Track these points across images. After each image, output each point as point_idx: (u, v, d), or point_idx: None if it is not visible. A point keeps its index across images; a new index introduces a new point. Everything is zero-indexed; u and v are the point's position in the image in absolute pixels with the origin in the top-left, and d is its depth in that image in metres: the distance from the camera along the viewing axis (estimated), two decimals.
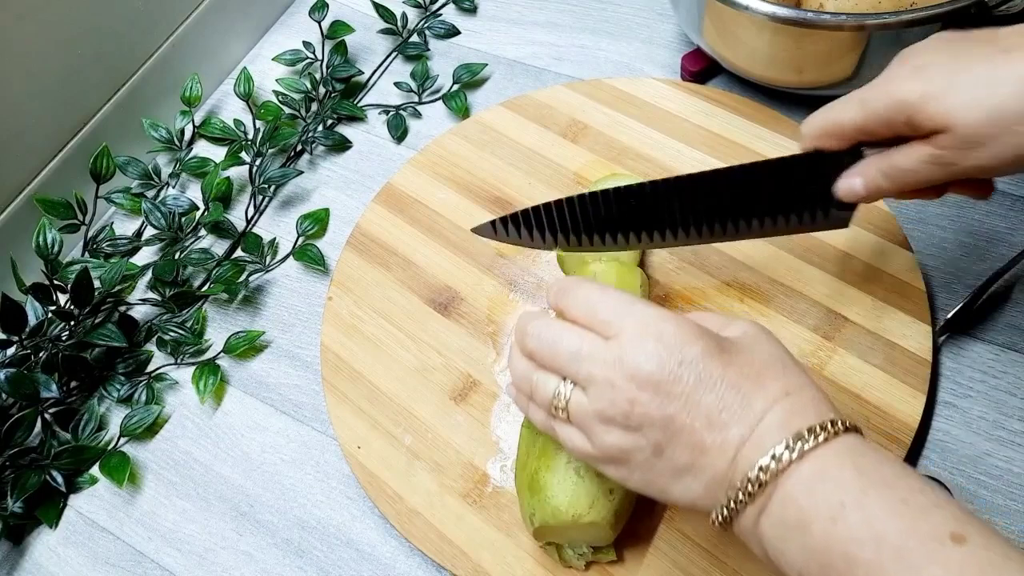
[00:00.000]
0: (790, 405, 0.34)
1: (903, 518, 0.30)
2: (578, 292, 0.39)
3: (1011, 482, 0.49)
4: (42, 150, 0.65)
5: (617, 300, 0.38)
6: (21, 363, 0.58)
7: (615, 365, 0.36)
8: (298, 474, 0.56)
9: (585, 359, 0.37)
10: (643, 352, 0.35)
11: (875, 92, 0.39)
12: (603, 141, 0.66)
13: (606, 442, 0.36)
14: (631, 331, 0.36)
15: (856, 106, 0.40)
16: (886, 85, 0.39)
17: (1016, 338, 0.54)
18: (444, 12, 0.80)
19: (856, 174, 0.42)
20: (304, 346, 0.61)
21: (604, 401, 0.36)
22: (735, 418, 0.34)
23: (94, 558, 0.55)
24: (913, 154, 0.39)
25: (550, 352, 0.38)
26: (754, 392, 0.35)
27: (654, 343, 0.35)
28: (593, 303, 0.38)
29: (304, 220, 0.66)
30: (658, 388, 0.35)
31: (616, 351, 0.36)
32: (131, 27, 0.69)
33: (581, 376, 0.37)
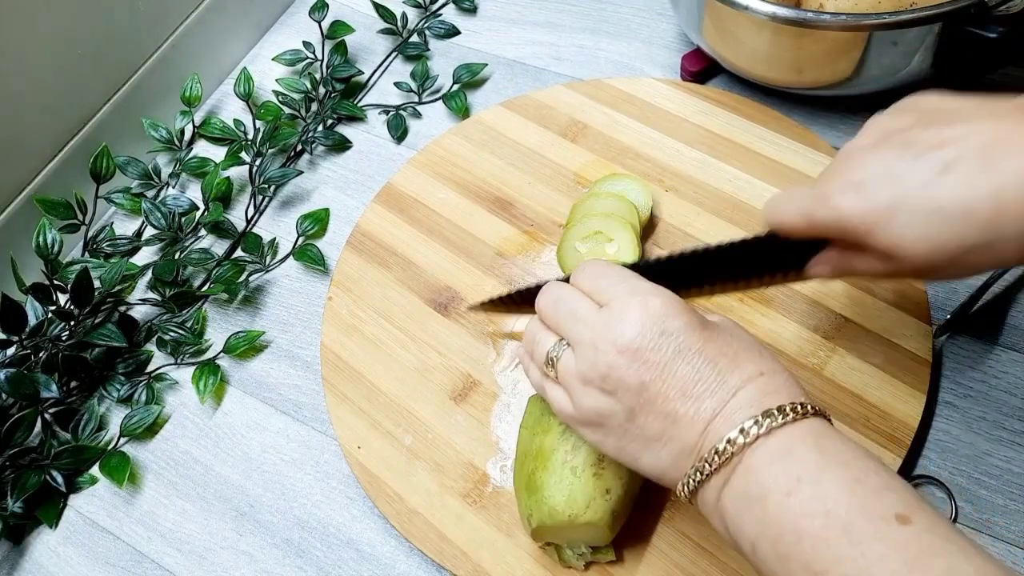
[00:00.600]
0: (763, 384, 0.36)
1: (854, 496, 0.31)
2: (588, 267, 0.41)
3: (1011, 482, 0.49)
4: (42, 150, 0.65)
5: (617, 273, 0.40)
6: (21, 363, 0.58)
7: (601, 329, 0.37)
8: (298, 474, 0.56)
9: (579, 320, 0.39)
10: (627, 319, 0.37)
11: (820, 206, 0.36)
12: (603, 141, 0.66)
13: (584, 404, 0.38)
14: (620, 299, 0.38)
15: (802, 217, 0.37)
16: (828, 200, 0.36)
17: (1016, 338, 0.54)
18: (444, 12, 0.80)
19: (823, 263, 0.40)
20: (304, 346, 0.61)
21: (586, 363, 0.38)
22: (709, 391, 0.35)
23: (94, 558, 0.55)
24: (871, 264, 0.37)
25: (553, 310, 0.41)
26: (730, 369, 0.36)
27: (639, 311, 0.37)
28: (597, 275, 0.40)
29: (304, 220, 0.66)
30: (636, 355, 0.36)
31: (604, 317, 0.38)
32: (131, 27, 0.69)
33: (572, 336, 0.39)
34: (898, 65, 0.57)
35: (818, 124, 0.66)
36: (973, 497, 0.49)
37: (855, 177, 0.35)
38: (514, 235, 0.62)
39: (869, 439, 0.49)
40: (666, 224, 0.61)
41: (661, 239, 0.60)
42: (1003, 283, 0.56)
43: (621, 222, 0.56)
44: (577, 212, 0.58)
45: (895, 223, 0.34)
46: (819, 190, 0.37)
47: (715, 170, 0.63)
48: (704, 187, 0.62)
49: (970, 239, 0.33)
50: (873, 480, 0.32)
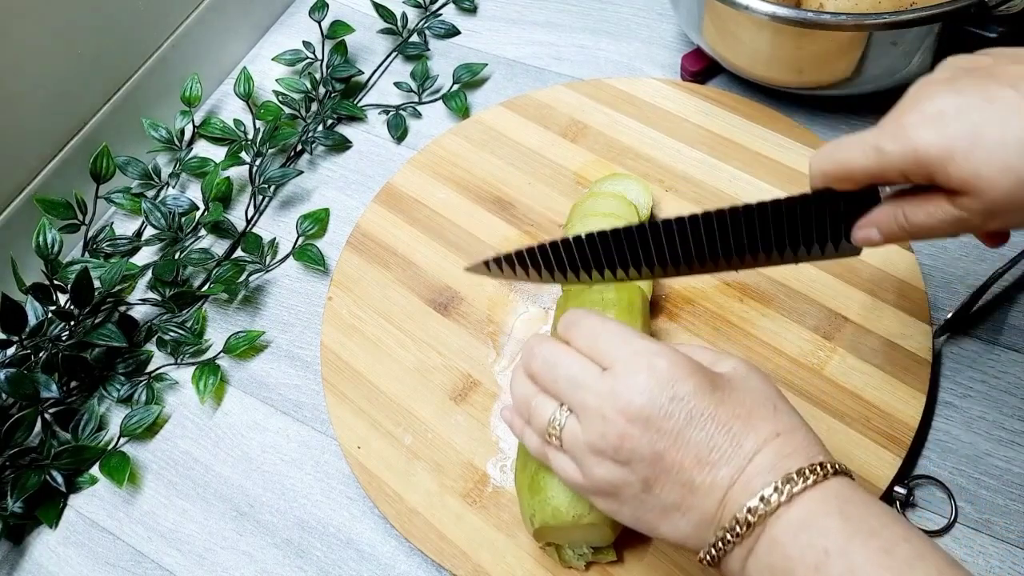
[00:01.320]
0: (779, 447, 0.34)
1: (886, 570, 0.30)
2: (582, 322, 0.39)
3: (1011, 482, 0.49)
4: (42, 150, 0.65)
5: (617, 332, 0.38)
6: (21, 363, 0.58)
7: (607, 397, 0.35)
8: (298, 474, 0.56)
9: (581, 387, 0.37)
10: (635, 386, 0.35)
11: (891, 140, 0.35)
12: (603, 141, 0.66)
13: (596, 474, 0.36)
14: (625, 363, 0.36)
15: (871, 153, 0.35)
16: (902, 132, 0.34)
17: (1016, 338, 0.54)
18: (444, 12, 0.80)
19: (872, 224, 0.38)
20: (304, 346, 0.61)
21: (595, 433, 0.36)
22: (725, 458, 0.34)
23: (94, 558, 0.55)
24: (933, 211, 0.35)
25: (550, 375, 0.38)
26: (744, 432, 0.34)
27: (646, 377, 0.35)
28: (595, 333, 0.38)
29: (304, 220, 0.66)
30: (648, 423, 0.35)
31: (609, 382, 0.36)
32: (131, 27, 0.69)
33: (576, 403, 0.37)
34: (898, 65, 0.57)
35: (818, 124, 0.66)
36: (973, 497, 0.49)
37: (933, 109, 0.34)
38: (514, 235, 0.62)
39: (869, 439, 0.49)
40: None
41: None
42: (1003, 283, 0.56)
43: (621, 222, 0.56)
44: (577, 212, 0.58)
45: (976, 152, 0.32)
46: (889, 125, 0.35)
47: (715, 170, 0.63)
48: (704, 187, 0.62)
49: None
50: (903, 549, 0.31)
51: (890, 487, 0.48)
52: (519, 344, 0.57)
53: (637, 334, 0.38)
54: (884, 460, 0.49)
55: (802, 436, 0.35)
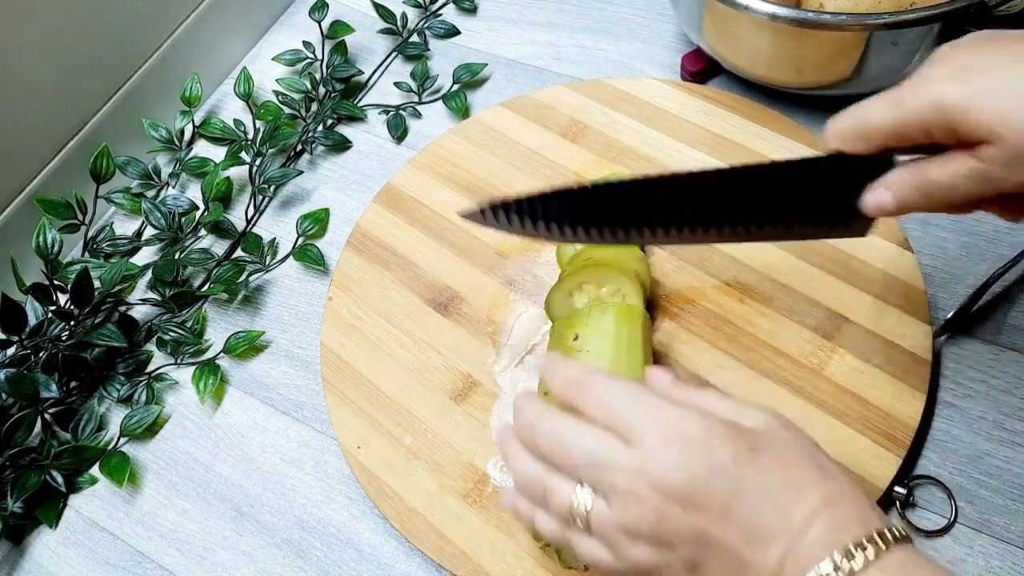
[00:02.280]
0: (833, 518, 0.31)
1: None
2: (595, 389, 0.36)
3: (1011, 482, 0.49)
4: (42, 150, 0.65)
5: (634, 397, 0.35)
6: (21, 363, 0.58)
7: (640, 475, 0.33)
8: (298, 474, 0.56)
9: (604, 466, 0.34)
10: (670, 461, 0.32)
11: (912, 93, 0.34)
12: (603, 141, 0.66)
13: (632, 557, 0.34)
14: (655, 437, 0.33)
15: (891, 107, 0.35)
16: (924, 86, 0.34)
17: (1016, 338, 0.54)
18: (444, 12, 0.80)
19: (885, 186, 0.37)
20: (304, 346, 0.61)
21: (629, 514, 0.33)
22: (774, 533, 0.31)
23: (94, 558, 0.55)
24: (953, 167, 0.34)
25: (564, 454, 0.35)
26: (792, 502, 0.32)
27: (679, 451, 0.33)
28: (610, 403, 0.35)
29: (304, 220, 0.66)
30: (688, 501, 0.32)
31: (639, 459, 0.33)
32: (131, 27, 0.69)
33: (603, 484, 0.34)
34: (898, 65, 0.57)
35: (818, 124, 0.66)
36: (973, 497, 0.49)
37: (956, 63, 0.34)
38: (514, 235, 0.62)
39: (869, 439, 0.49)
40: None
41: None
42: (1003, 283, 0.56)
43: None
44: None
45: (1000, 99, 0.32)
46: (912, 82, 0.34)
47: None
48: None
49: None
50: None
51: (890, 487, 0.48)
52: (519, 344, 0.57)
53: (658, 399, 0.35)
54: (884, 460, 0.49)
55: (854, 501, 0.32)
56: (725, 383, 0.53)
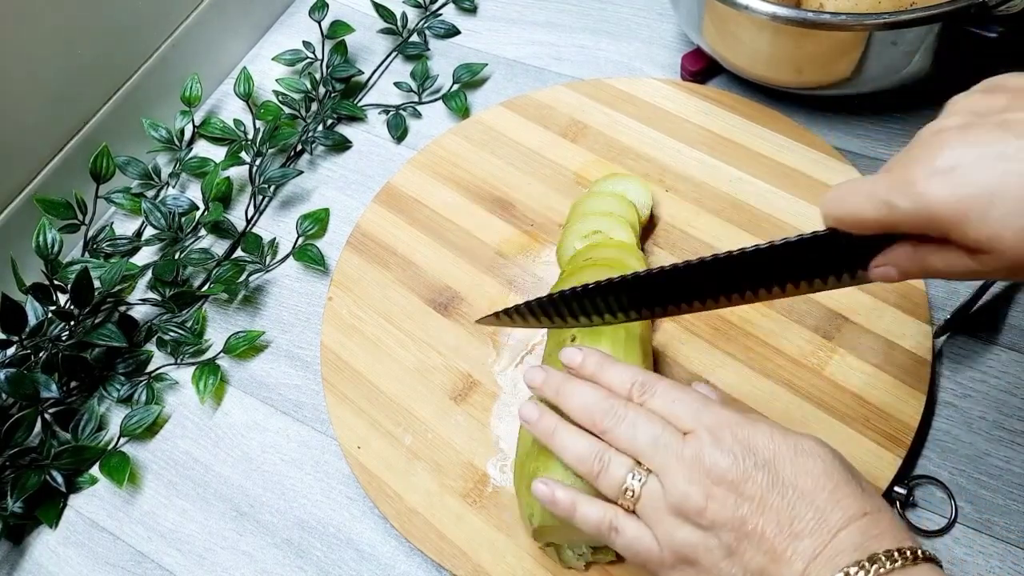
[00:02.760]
0: (866, 526, 0.33)
1: None
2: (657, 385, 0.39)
3: (1011, 482, 0.49)
4: (42, 150, 0.65)
5: (695, 400, 0.38)
6: (21, 363, 0.58)
7: (693, 460, 0.36)
8: (298, 474, 0.56)
9: (663, 448, 0.37)
10: (720, 449, 0.36)
11: (902, 195, 0.32)
12: (603, 141, 0.66)
13: (676, 538, 0.36)
14: (708, 429, 0.36)
15: (882, 208, 0.33)
16: (913, 188, 0.32)
17: (1016, 338, 0.54)
18: (444, 12, 0.80)
19: (889, 262, 0.36)
20: (304, 346, 0.61)
21: (678, 493, 0.36)
22: (808, 529, 0.33)
23: (94, 558, 0.55)
24: (951, 262, 0.33)
25: (628, 433, 0.38)
26: (830, 507, 0.34)
27: (731, 441, 0.36)
28: (672, 397, 0.39)
29: (304, 220, 0.66)
30: (732, 487, 0.35)
31: (694, 446, 0.36)
32: (131, 27, 0.69)
33: (658, 464, 0.37)
34: (898, 65, 0.57)
35: (818, 124, 0.66)
36: (973, 497, 0.49)
37: (944, 162, 0.31)
38: (514, 235, 0.62)
39: (869, 439, 0.49)
40: (666, 224, 0.61)
41: (661, 239, 0.60)
42: (1003, 283, 0.56)
43: (620, 221, 0.56)
44: (576, 211, 0.58)
45: (994, 213, 0.30)
46: (898, 177, 0.33)
47: (715, 170, 0.63)
48: (704, 187, 0.62)
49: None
50: None
51: (890, 487, 0.48)
52: (519, 344, 0.57)
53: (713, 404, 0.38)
54: (884, 460, 0.49)
55: (890, 518, 0.34)
56: (725, 383, 0.53)
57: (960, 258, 0.33)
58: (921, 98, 0.63)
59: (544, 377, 0.42)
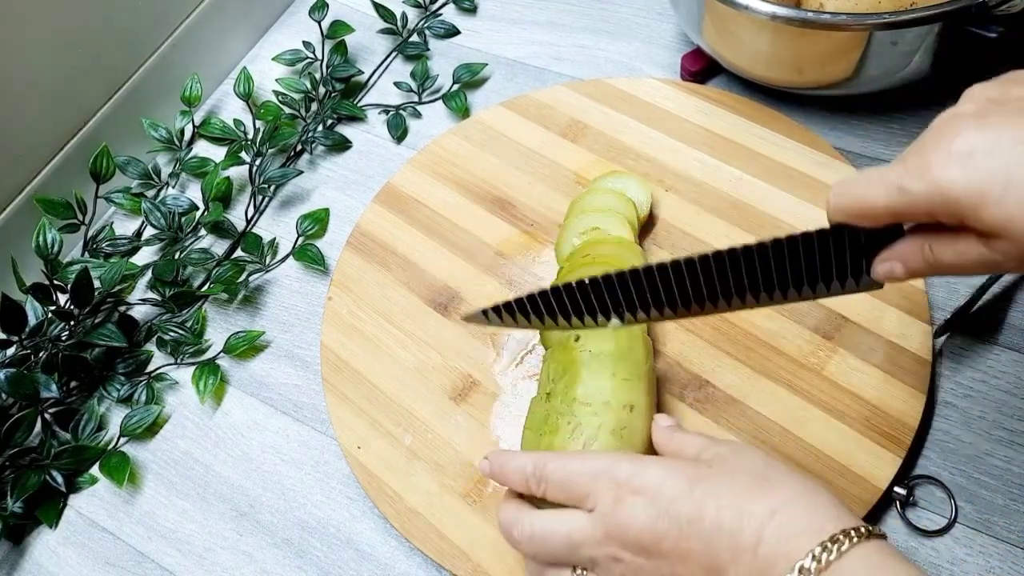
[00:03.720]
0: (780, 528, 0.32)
1: None
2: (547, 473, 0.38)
3: (1011, 482, 0.49)
4: (42, 150, 0.65)
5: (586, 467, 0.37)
6: (21, 363, 0.58)
7: (606, 538, 0.35)
8: (298, 474, 0.56)
9: (579, 545, 0.36)
10: (621, 515, 0.35)
11: (916, 179, 0.32)
12: (603, 141, 0.66)
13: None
14: (607, 497, 0.36)
15: (894, 193, 0.33)
16: (928, 172, 0.32)
17: (1016, 338, 0.54)
18: (444, 12, 0.80)
19: (895, 258, 0.36)
20: (304, 346, 0.61)
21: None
22: (729, 561, 0.33)
23: (94, 558, 0.55)
24: (963, 251, 0.33)
25: (546, 550, 0.38)
26: (739, 523, 0.33)
27: (630, 502, 0.35)
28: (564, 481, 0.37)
29: (304, 220, 0.66)
30: (649, 551, 0.34)
31: (601, 525, 0.35)
32: (131, 27, 0.69)
33: (585, 562, 0.37)
34: (898, 65, 0.57)
35: (818, 124, 0.66)
36: (973, 497, 0.49)
37: (960, 146, 0.31)
38: (514, 235, 0.62)
39: (869, 439, 0.49)
40: (666, 224, 0.61)
41: (661, 239, 0.60)
42: (1003, 283, 0.56)
43: (618, 218, 0.56)
44: (575, 208, 0.58)
45: (1011, 196, 0.30)
46: (913, 163, 0.32)
47: (715, 170, 0.63)
48: (704, 187, 0.62)
49: None
50: None
51: (890, 487, 0.48)
52: (519, 344, 0.57)
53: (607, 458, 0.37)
54: (884, 460, 0.49)
55: (804, 505, 0.33)
56: (725, 383, 0.53)
57: (973, 246, 0.32)
58: (921, 98, 0.63)
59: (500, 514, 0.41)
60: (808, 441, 0.50)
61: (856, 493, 0.48)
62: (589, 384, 0.45)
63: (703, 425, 0.52)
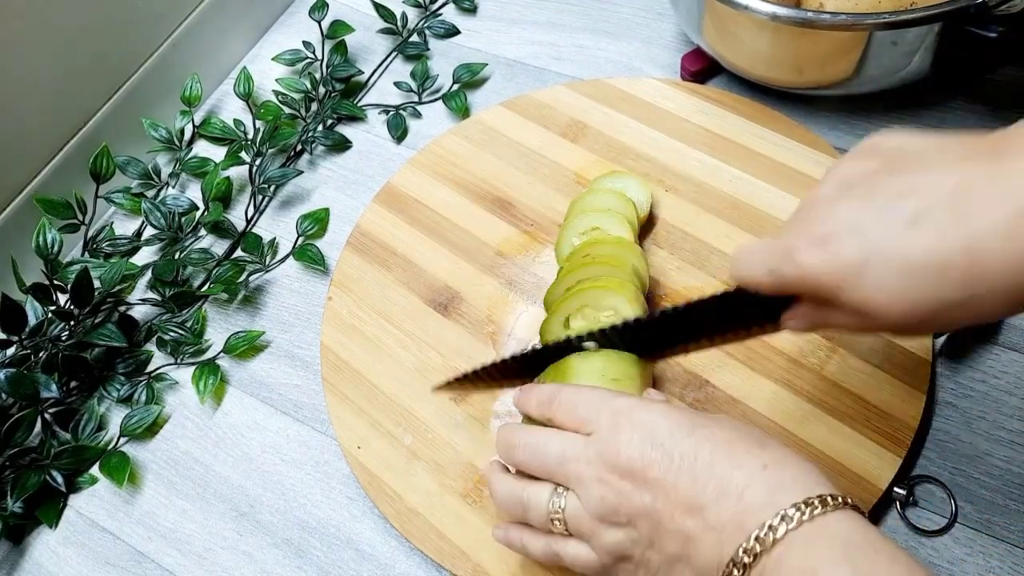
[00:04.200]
0: (768, 479, 0.33)
1: None
2: (559, 396, 0.39)
3: (1011, 482, 0.49)
4: (42, 150, 0.65)
5: (595, 395, 0.38)
6: (21, 363, 0.58)
7: (597, 460, 0.36)
8: (298, 474, 0.56)
9: (570, 460, 0.37)
10: (617, 440, 0.36)
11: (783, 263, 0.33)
12: (603, 141, 0.66)
13: (607, 543, 0.36)
14: (606, 423, 0.37)
15: (769, 277, 0.34)
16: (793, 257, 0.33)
17: (1016, 338, 0.54)
18: (444, 12, 0.80)
19: (796, 318, 0.37)
20: (304, 346, 0.61)
21: (595, 499, 0.36)
22: (712, 499, 0.33)
23: (94, 558, 0.55)
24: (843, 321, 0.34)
25: (537, 459, 0.38)
26: (729, 468, 0.34)
27: (628, 430, 0.36)
28: (573, 403, 0.38)
29: (304, 220, 0.66)
30: (636, 476, 0.35)
31: (595, 446, 0.36)
32: (131, 27, 0.69)
33: (570, 478, 0.37)
34: (898, 65, 0.57)
35: (818, 124, 0.66)
36: (973, 497, 0.49)
37: (819, 230, 0.32)
38: (514, 235, 0.62)
39: (869, 439, 0.49)
40: (666, 224, 0.61)
41: (661, 239, 0.60)
42: None
43: (618, 218, 0.56)
44: (575, 208, 0.58)
45: (865, 280, 0.31)
46: (783, 244, 0.33)
47: (715, 170, 0.63)
48: (704, 187, 0.62)
49: (947, 296, 0.30)
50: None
51: (890, 487, 0.48)
52: (519, 344, 0.57)
53: (616, 393, 0.38)
54: (884, 460, 0.49)
55: (794, 468, 0.34)
56: (725, 383, 0.53)
57: (850, 317, 0.33)
58: (921, 98, 0.63)
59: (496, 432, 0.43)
60: (808, 441, 0.50)
61: (856, 493, 0.48)
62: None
63: None
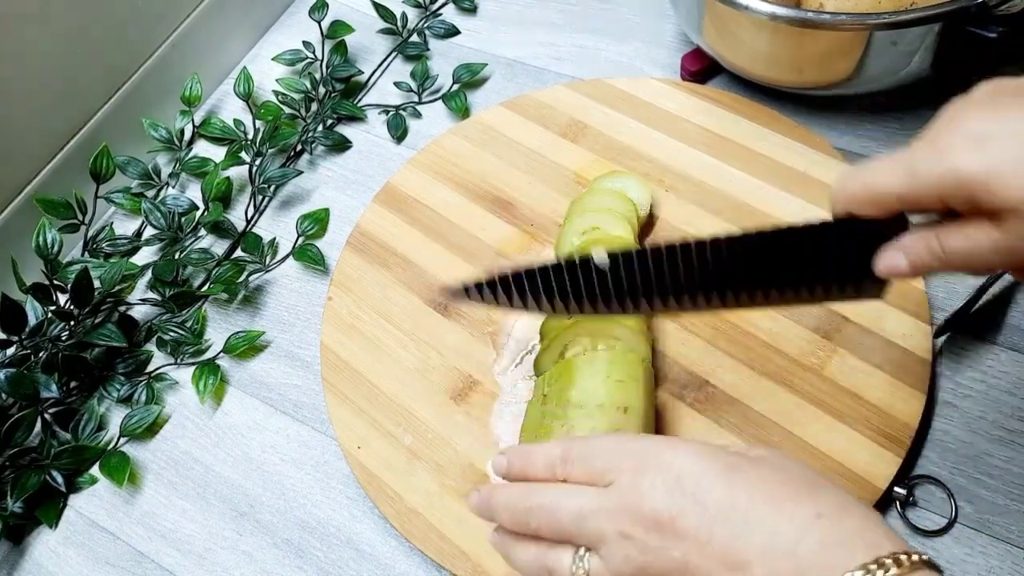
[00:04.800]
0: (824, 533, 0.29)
1: None
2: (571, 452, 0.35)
3: (1011, 482, 0.49)
4: (42, 150, 0.65)
5: (611, 442, 0.34)
6: (21, 363, 0.58)
7: (621, 512, 0.32)
8: (298, 474, 0.56)
9: (588, 516, 0.33)
10: (640, 488, 0.32)
11: (927, 161, 0.31)
12: (603, 141, 0.66)
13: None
14: (628, 470, 0.33)
15: (903, 175, 0.32)
16: (940, 155, 0.31)
17: (1016, 338, 0.54)
18: (444, 12, 0.80)
19: (900, 250, 0.34)
20: (304, 346, 0.61)
21: (619, 558, 0.32)
22: (757, 555, 0.29)
23: (94, 558, 0.55)
24: (974, 236, 0.32)
25: (552, 523, 0.34)
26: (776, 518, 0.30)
27: (651, 475, 0.32)
28: (587, 456, 0.34)
29: (304, 220, 0.66)
30: (663, 528, 0.31)
31: (616, 496, 0.32)
32: (131, 27, 0.69)
33: (591, 537, 0.33)
34: (898, 65, 0.57)
35: (818, 124, 0.66)
36: (973, 497, 0.49)
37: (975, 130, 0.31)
38: (514, 235, 0.62)
39: (869, 439, 0.49)
40: (666, 224, 0.61)
41: (660, 238, 0.60)
42: (1003, 283, 0.56)
43: (618, 217, 0.56)
44: (575, 208, 0.58)
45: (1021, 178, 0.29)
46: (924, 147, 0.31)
47: (715, 170, 0.63)
48: (704, 187, 0.62)
49: None
50: None
51: (890, 487, 0.48)
52: (519, 344, 0.57)
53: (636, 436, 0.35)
54: (884, 460, 0.49)
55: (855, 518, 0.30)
56: (725, 383, 0.53)
57: (984, 229, 0.31)
58: (921, 98, 0.63)
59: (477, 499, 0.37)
60: (808, 441, 0.50)
61: (856, 493, 0.47)
62: (582, 386, 0.45)
63: (703, 425, 0.52)
